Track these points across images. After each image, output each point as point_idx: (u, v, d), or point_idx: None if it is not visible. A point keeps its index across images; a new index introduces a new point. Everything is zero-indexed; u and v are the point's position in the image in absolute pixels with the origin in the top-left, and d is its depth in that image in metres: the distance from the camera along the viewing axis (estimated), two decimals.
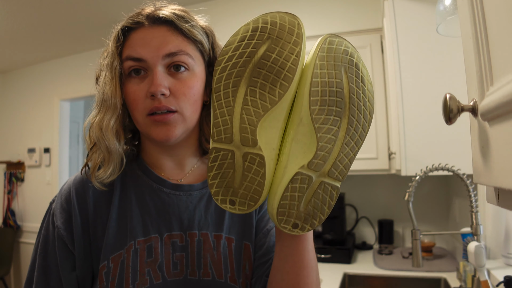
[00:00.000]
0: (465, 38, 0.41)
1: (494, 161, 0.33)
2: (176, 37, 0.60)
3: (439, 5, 1.08)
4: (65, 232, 0.60)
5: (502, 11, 0.30)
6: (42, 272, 0.60)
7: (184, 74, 0.59)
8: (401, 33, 1.52)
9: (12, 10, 2.39)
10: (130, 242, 0.60)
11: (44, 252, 0.61)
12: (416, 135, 1.47)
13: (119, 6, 2.39)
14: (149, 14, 0.60)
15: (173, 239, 0.62)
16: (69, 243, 0.60)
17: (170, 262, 0.60)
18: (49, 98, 3.37)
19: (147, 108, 0.57)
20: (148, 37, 0.59)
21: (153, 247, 0.60)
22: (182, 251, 0.61)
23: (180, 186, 0.65)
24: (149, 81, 0.58)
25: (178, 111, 0.58)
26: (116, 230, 0.61)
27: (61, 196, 0.63)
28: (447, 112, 0.37)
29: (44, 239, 0.62)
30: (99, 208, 0.62)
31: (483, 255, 1.07)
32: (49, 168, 3.31)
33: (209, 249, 0.63)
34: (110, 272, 0.58)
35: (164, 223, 0.62)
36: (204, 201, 0.66)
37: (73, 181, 0.65)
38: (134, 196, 0.63)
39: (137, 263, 0.59)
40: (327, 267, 1.80)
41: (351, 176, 2.26)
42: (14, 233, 3.30)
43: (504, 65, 0.30)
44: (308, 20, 2.06)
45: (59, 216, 0.61)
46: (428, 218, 2.09)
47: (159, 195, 0.64)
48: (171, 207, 0.63)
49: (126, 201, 0.63)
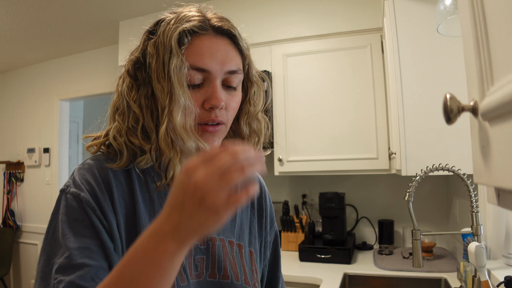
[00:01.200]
0: (466, 37, 0.40)
1: (494, 161, 0.33)
2: (236, 54, 0.62)
3: (440, 5, 1.08)
4: (101, 215, 0.55)
5: (502, 11, 0.29)
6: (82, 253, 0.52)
7: (235, 90, 0.63)
8: (401, 33, 1.52)
9: (12, 10, 2.39)
10: None
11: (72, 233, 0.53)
12: (416, 135, 1.46)
13: (119, 6, 2.39)
14: (215, 24, 0.61)
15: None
16: (107, 226, 0.55)
17: (192, 264, 0.62)
18: (49, 98, 3.37)
19: (202, 118, 0.59)
20: (214, 47, 0.59)
21: None
22: (203, 254, 0.63)
23: None
24: (205, 92, 0.59)
25: (225, 124, 0.61)
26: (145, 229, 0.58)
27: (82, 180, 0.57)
28: (448, 112, 0.37)
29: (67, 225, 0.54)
30: (125, 199, 0.59)
31: (483, 255, 1.07)
32: (48, 168, 3.31)
33: (227, 253, 0.66)
34: None
35: None
36: None
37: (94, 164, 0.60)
38: (156, 195, 0.62)
39: None
40: (327, 267, 1.80)
41: (351, 176, 2.27)
42: (13, 233, 3.29)
43: (505, 64, 0.30)
44: (308, 20, 2.06)
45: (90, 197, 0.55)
46: (429, 218, 2.09)
47: None
48: None
49: (150, 199, 0.62)
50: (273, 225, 0.83)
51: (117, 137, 0.60)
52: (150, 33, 0.62)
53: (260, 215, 0.77)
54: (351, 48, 1.97)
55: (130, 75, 0.62)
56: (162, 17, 0.63)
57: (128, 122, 0.60)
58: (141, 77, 0.60)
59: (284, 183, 2.43)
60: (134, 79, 0.61)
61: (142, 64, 0.61)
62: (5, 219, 3.37)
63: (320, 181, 2.32)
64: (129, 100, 0.60)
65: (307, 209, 2.30)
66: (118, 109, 0.62)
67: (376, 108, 1.89)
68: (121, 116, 0.61)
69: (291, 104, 2.05)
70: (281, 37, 2.10)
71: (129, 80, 0.61)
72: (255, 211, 0.77)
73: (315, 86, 2.01)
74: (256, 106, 0.69)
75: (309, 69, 2.03)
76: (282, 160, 2.04)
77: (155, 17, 0.65)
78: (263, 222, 0.78)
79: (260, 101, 0.69)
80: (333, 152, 1.95)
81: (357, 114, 1.93)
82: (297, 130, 2.02)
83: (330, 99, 1.98)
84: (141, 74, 0.61)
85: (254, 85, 0.69)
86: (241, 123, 0.69)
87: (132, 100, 0.60)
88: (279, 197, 2.39)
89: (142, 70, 0.61)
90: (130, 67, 0.62)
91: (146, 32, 0.63)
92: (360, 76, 1.94)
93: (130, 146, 0.60)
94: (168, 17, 0.62)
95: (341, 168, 1.94)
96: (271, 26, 2.13)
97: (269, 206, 0.81)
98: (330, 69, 2.00)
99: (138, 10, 2.44)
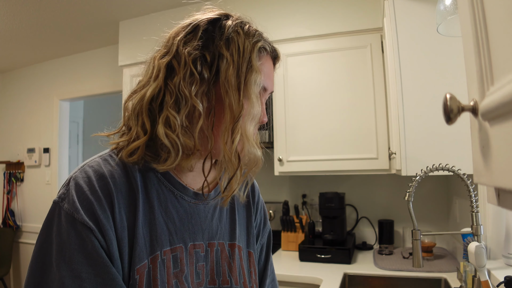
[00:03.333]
0: (466, 37, 0.40)
1: (494, 161, 0.33)
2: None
3: (440, 5, 1.08)
4: (99, 235, 0.52)
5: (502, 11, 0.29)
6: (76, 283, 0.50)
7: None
8: (401, 33, 1.52)
9: (12, 10, 2.39)
10: (156, 252, 0.57)
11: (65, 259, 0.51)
12: (416, 135, 1.46)
13: (119, 6, 2.39)
14: (274, 49, 0.66)
15: (196, 249, 0.62)
16: (105, 248, 0.52)
17: (193, 273, 0.61)
18: (49, 98, 3.37)
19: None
20: (271, 70, 0.66)
21: (178, 257, 0.59)
22: (203, 261, 0.63)
23: (199, 195, 0.65)
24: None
25: None
26: (143, 238, 0.56)
27: (79, 193, 0.54)
28: (448, 112, 0.37)
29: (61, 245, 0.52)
30: (126, 209, 0.56)
31: (483, 255, 1.07)
32: (48, 168, 3.31)
33: (225, 258, 0.65)
34: (136, 284, 0.54)
35: (188, 232, 0.62)
36: (218, 210, 0.68)
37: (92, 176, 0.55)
38: (156, 201, 0.60)
39: (164, 275, 0.56)
40: (327, 267, 1.80)
41: (351, 176, 2.27)
42: (13, 233, 3.30)
43: (505, 64, 0.30)
44: (308, 20, 2.06)
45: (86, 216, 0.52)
46: (429, 218, 2.09)
47: (181, 203, 0.62)
48: (193, 217, 0.63)
49: (150, 206, 0.59)
50: (266, 225, 0.82)
51: (169, 134, 0.55)
52: (209, 31, 0.59)
53: (253, 214, 0.77)
54: (351, 48, 1.97)
55: (196, 68, 0.57)
56: (213, 16, 0.61)
57: (181, 118, 0.56)
58: (207, 76, 0.57)
59: (284, 183, 2.43)
60: (198, 74, 0.57)
61: (207, 63, 0.58)
62: (5, 219, 3.37)
63: (320, 181, 2.32)
64: (190, 94, 0.56)
65: (307, 209, 2.30)
66: (164, 101, 0.56)
67: (376, 108, 1.89)
68: (175, 109, 0.56)
69: (291, 104, 2.04)
70: (281, 37, 2.10)
71: (193, 73, 0.56)
72: (251, 210, 0.76)
73: (315, 86, 2.01)
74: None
75: (309, 69, 2.03)
76: (282, 160, 2.04)
77: (155, 17, 0.64)
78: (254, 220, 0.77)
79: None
80: (333, 152, 1.95)
81: (357, 114, 1.93)
82: (297, 130, 2.02)
83: (330, 99, 1.98)
84: (206, 72, 0.57)
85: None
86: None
87: (193, 94, 0.56)
88: (279, 197, 2.39)
89: (207, 68, 0.58)
90: (195, 60, 0.57)
91: (201, 28, 0.60)
92: (360, 76, 1.94)
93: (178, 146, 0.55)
94: (225, 20, 0.61)
95: (341, 168, 1.94)
96: (271, 26, 2.12)
97: (261, 204, 0.81)
98: (330, 69, 2.00)
99: (138, 10, 2.44)
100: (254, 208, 0.77)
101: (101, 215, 0.53)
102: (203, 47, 0.58)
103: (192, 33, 0.60)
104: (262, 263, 0.80)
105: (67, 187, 0.55)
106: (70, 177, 0.56)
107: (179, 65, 0.57)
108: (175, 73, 0.57)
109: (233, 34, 0.59)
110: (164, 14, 2.37)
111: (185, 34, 0.60)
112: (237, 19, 0.62)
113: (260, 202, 0.80)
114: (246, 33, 0.60)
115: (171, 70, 0.58)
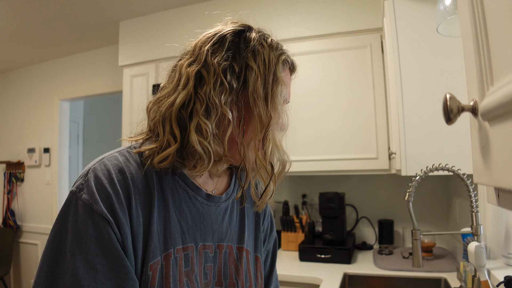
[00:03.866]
0: (465, 38, 0.41)
1: (494, 161, 0.33)
2: None
3: (439, 5, 1.08)
4: (116, 228, 0.52)
5: (502, 11, 0.29)
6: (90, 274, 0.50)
7: None
8: (401, 33, 1.52)
9: (12, 10, 2.39)
10: (169, 250, 0.58)
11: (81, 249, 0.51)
12: (416, 135, 1.47)
13: (119, 6, 2.39)
14: (294, 63, 0.70)
15: (205, 250, 0.63)
16: (120, 241, 0.53)
17: (202, 272, 0.62)
18: (49, 98, 3.37)
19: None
20: (290, 83, 0.69)
21: (190, 256, 0.61)
22: (211, 262, 0.64)
23: (211, 197, 0.66)
24: None
25: None
26: (157, 235, 0.57)
27: (97, 185, 0.54)
28: (447, 112, 0.37)
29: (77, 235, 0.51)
30: (142, 205, 0.57)
31: (483, 255, 1.07)
32: (49, 168, 3.31)
33: (233, 260, 0.67)
34: (148, 280, 0.55)
35: (199, 232, 0.63)
36: (228, 213, 0.69)
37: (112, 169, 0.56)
38: (171, 199, 0.61)
39: (177, 273, 0.58)
40: (327, 267, 1.80)
41: (351, 176, 2.27)
42: (13, 233, 3.29)
43: (504, 64, 0.30)
44: (308, 20, 2.06)
45: (104, 207, 0.52)
46: (428, 218, 2.09)
47: (194, 203, 0.64)
48: (205, 217, 0.65)
49: (165, 204, 0.60)
50: (273, 231, 0.83)
51: (201, 141, 0.56)
52: (237, 43, 0.62)
53: (261, 219, 0.78)
54: (351, 48, 1.97)
55: (226, 77, 0.58)
56: (237, 28, 0.64)
57: (212, 126, 0.57)
58: (235, 86, 0.59)
59: (284, 183, 2.42)
60: (228, 83, 0.58)
61: (235, 73, 0.60)
62: (5, 219, 3.37)
63: (320, 181, 2.32)
64: (220, 102, 0.57)
65: (307, 209, 2.30)
66: (195, 109, 0.57)
67: (376, 108, 1.89)
68: (206, 117, 0.57)
69: (291, 104, 2.03)
70: (281, 37, 2.08)
71: (223, 83, 0.58)
72: (259, 215, 0.77)
73: (315, 86, 2.01)
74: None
75: (309, 69, 2.03)
76: None
77: (156, 17, 0.65)
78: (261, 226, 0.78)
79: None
80: (333, 152, 1.95)
81: (357, 114, 1.93)
82: (297, 130, 2.02)
83: (330, 99, 1.98)
84: (235, 82, 0.59)
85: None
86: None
87: (223, 103, 0.57)
88: (279, 197, 2.39)
89: (235, 78, 0.59)
90: (225, 70, 0.59)
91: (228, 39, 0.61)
92: (360, 76, 1.94)
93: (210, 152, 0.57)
94: (249, 32, 0.64)
95: (341, 168, 1.94)
96: (271, 26, 2.11)
97: (268, 210, 0.82)
98: (330, 69, 2.00)
99: (138, 10, 2.44)
100: (262, 213, 0.78)
101: (119, 208, 0.53)
102: (231, 58, 0.60)
103: (218, 44, 0.61)
104: (267, 270, 0.81)
105: (85, 177, 0.55)
106: (89, 169, 0.56)
107: (208, 74, 0.58)
108: (204, 81, 0.58)
109: (258, 46, 0.62)
110: (164, 14, 2.37)
111: (212, 44, 0.61)
112: (259, 32, 0.66)
113: (268, 208, 0.81)
114: (270, 46, 0.64)
115: (200, 79, 0.59)
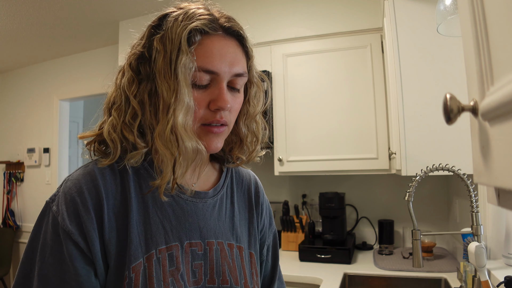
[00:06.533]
0: (466, 37, 0.40)
1: (494, 161, 0.33)
2: (242, 56, 0.62)
3: (440, 5, 1.08)
4: (79, 238, 0.54)
5: (502, 11, 0.29)
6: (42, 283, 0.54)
7: (238, 91, 0.63)
8: (401, 33, 1.52)
9: (12, 10, 2.39)
10: (151, 251, 0.58)
11: (42, 259, 0.54)
12: (416, 135, 1.46)
13: (119, 6, 2.39)
14: (225, 24, 0.60)
15: (192, 248, 0.62)
16: (86, 249, 0.54)
17: (189, 271, 0.61)
18: (49, 98, 3.37)
19: (206, 119, 0.59)
20: (223, 49, 0.59)
21: (174, 255, 0.59)
22: (201, 260, 0.62)
23: (197, 193, 0.65)
24: (211, 93, 0.58)
25: (228, 125, 0.62)
26: (138, 237, 0.57)
27: (67, 195, 0.56)
28: (448, 112, 0.37)
29: (43, 245, 0.55)
30: (116, 210, 0.57)
31: (483, 255, 1.07)
32: (48, 168, 3.31)
33: (225, 257, 0.65)
34: (132, 282, 0.55)
35: (184, 231, 0.62)
36: (216, 209, 0.68)
37: (82, 178, 0.57)
38: (151, 201, 0.60)
39: (160, 273, 0.57)
40: (327, 267, 1.80)
41: (351, 176, 2.27)
42: (13, 233, 3.30)
43: (505, 64, 0.30)
44: (308, 20, 2.06)
45: (68, 219, 0.54)
46: (429, 218, 2.09)
47: (178, 201, 0.63)
48: (190, 215, 0.63)
49: (144, 206, 0.60)
50: (272, 225, 0.81)
51: (111, 132, 0.58)
52: (155, 27, 0.60)
53: (258, 215, 0.76)
54: (351, 48, 1.98)
55: (133, 69, 0.59)
56: (167, 11, 0.61)
57: (124, 118, 0.58)
58: (145, 73, 0.58)
59: (284, 183, 2.43)
60: (136, 74, 0.59)
61: (147, 59, 0.58)
62: (5, 219, 3.37)
63: (320, 181, 2.32)
64: (129, 94, 0.58)
65: (307, 209, 2.30)
66: (115, 103, 0.60)
67: (376, 108, 1.89)
68: (117, 111, 0.59)
69: (291, 104, 2.04)
70: (281, 37, 2.10)
71: (131, 74, 0.59)
72: (253, 211, 0.75)
73: (315, 86, 2.01)
74: (256, 107, 0.69)
75: (309, 69, 2.03)
76: (282, 160, 2.04)
77: (156, 16, 0.64)
78: (260, 221, 0.77)
79: (259, 102, 0.69)
80: (333, 152, 1.95)
81: (357, 114, 1.93)
82: (297, 130, 2.02)
83: (330, 99, 1.98)
84: (145, 69, 0.58)
85: (254, 86, 0.68)
86: (240, 124, 0.68)
87: (132, 95, 0.58)
88: (279, 197, 2.39)
89: (146, 65, 0.58)
90: (133, 61, 0.59)
91: (150, 27, 0.61)
92: (360, 76, 1.94)
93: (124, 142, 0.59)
94: (175, 12, 0.60)
95: (341, 168, 1.94)
96: (271, 26, 2.13)
97: (266, 205, 0.80)
98: (330, 69, 2.00)
99: (138, 10, 2.44)
100: (259, 209, 0.77)
101: (85, 216, 0.54)
102: (144, 45, 0.59)
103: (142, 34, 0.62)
104: (270, 264, 0.79)
105: (59, 188, 0.58)
106: (65, 180, 0.59)
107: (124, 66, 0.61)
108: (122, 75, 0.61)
109: (171, 23, 0.57)
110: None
111: (140, 38, 0.62)
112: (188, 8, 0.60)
113: (265, 203, 0.80)
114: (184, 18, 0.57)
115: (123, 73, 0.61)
